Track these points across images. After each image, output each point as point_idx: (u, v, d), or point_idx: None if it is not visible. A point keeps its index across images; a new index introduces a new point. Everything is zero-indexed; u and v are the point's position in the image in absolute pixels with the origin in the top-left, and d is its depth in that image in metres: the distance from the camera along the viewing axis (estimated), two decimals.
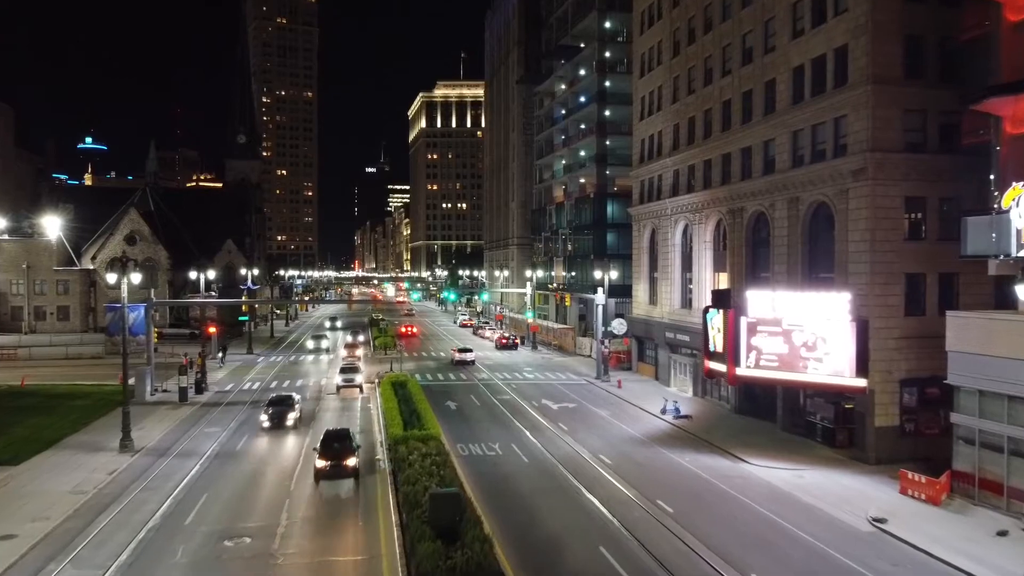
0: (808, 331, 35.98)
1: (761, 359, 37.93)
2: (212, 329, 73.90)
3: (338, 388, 54.71)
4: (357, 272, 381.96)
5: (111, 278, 42.01)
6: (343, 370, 56.59)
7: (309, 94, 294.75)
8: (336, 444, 33.40)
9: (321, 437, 34.74)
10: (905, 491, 30.55)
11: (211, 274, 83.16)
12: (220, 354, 72.11)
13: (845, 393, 36.75)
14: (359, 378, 55.48)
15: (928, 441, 35.51)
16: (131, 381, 51.59)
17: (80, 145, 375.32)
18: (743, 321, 38.66)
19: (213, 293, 77.21)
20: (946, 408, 34.51)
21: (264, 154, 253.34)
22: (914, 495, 30.10)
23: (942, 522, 27.46)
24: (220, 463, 35.83)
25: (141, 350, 59.64)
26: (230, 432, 42.37)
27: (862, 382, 34.83)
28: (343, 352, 74.94)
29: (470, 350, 73.55)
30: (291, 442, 40.02)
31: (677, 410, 46.51)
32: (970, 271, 34.99)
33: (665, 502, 29.75)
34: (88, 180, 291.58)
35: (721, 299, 41.91)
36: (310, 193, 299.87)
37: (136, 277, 40.79)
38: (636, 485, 32.11)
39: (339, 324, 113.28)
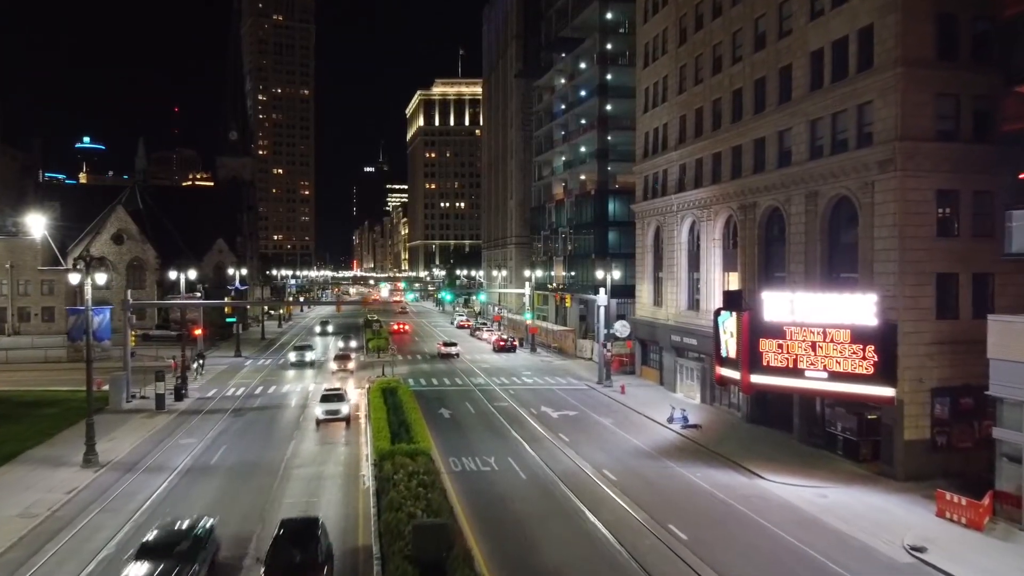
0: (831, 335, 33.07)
1: None
2: (198, 331, 70.17)
3: (318, 422, 44.05)
4: (355, 272, 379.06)
5: (74, 278, 38.87)
6: (325, 398, 45.68)
7: (306, 92, 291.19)
8: (295, 551, 21.37)
9: (274, 534, 22.85)
10: (943, 514, 27.66)
11: (196, 274, 79.83)
12: (196, 363, 63.50)
13: (870, 403, 33.87)
14: (345, 408, 44.68)
15: (962, 456, 32.66)
16: (106, 387, 49.16)
17: (78, 144, 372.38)
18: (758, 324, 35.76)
19: (198, 293, 73.75)
20: (981, 420, 32.02)
21: (260, 153, 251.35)
22: (953, 518, 27.20)
23: (989, 551, 24.58)
24: (191, 480, 32.95)
25: (106, 356, 56.00)
26: (206, 444, 39.47)
27: (890, 391, 31.90)
28: (333, 365, 67.42)
29: (455, 343, 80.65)
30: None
31: (685, 419, 43.65)
32: (1006, 271, 32.23)
33: (678, 527, 26.84)
34: (83, 179, 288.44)
35: (734, 301, 39.00)
36: (307, 192, 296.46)
37: (101, 278, 37.68)
38: (645, 506, 29.19)
39: (330, 329, 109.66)
